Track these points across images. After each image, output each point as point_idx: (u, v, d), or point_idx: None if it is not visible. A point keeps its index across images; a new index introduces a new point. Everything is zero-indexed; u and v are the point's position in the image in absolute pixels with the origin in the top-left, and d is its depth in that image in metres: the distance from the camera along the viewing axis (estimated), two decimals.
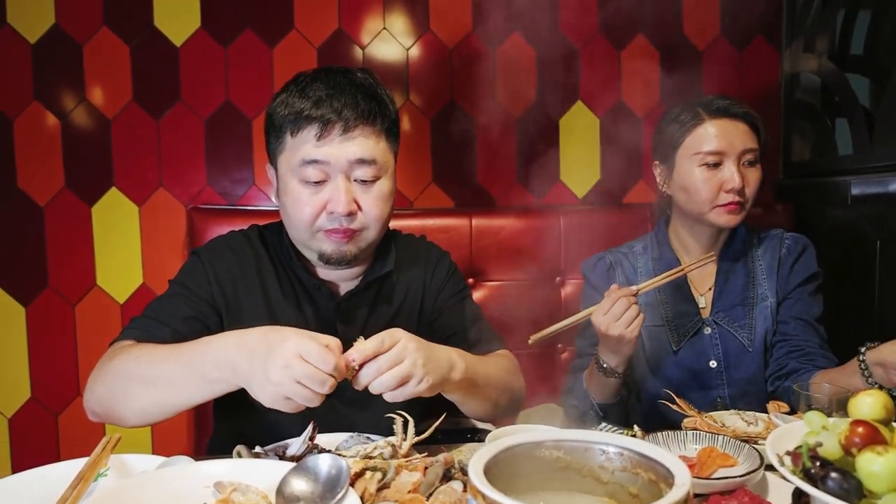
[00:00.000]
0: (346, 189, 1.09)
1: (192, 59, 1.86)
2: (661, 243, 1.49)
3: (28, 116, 1.81)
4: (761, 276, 1.44)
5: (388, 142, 1.15)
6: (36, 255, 1.83)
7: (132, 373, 0.97)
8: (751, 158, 1.36)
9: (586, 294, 1.52)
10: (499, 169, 1.99)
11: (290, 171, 1.11)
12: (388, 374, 0.89)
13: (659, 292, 1.44)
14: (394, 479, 0.80)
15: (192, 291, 1.14)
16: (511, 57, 1.97)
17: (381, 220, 1.14)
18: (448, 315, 1.28)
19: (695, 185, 1.36)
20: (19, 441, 1.85)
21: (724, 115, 1.36)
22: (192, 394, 0.95)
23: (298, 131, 1.09)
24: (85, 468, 0.86)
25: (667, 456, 0.66)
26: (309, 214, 1.10)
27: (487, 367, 1.12)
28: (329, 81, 1.10)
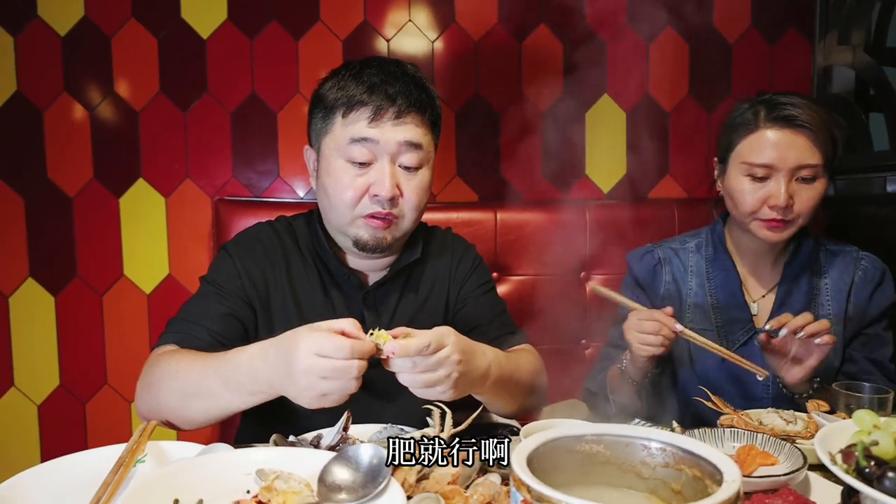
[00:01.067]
0: (391, 172, 1.10)
1: (218, 52, 1.86)
2: (716, 243, 1.39)
3: (58, 108, 1.83)
4: (825, 295, 1.34)
5: (432, 133, 1.17)
6: (65, 246, 1.85)
7: (174, 388, 0.99)
8: (806, 175, 1.22)
9: (627, 284, 1.47)
10: (523, 163, 1.97)
11: (336, 151, 1.12)
12: (420, 377, 0.89)
13: (710, 295, 1.37)
14: (433, 470, 0.79)
15: (223, 289, 1.14)
16: (537, 50, 1.95)
17: (418, 210, 1.16)
18: (472, 307, 1.28)
19: (739, 195, 1.27)
20: (48, 428, 1.88)
21: (783, 124, 1.22)
22: (237, 404, 0.96)
23: (350, 112, 1.10)
24: (125, 454, 0.86)
25: (713, 452, 0.65)
26: (351, 196, 1.11)
27: (517, 368, 1.12)
28: (383, 69, 1.13)
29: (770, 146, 1.23)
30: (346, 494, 0.71)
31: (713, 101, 2.01)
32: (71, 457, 0.87)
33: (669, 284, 1.41)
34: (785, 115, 1.22)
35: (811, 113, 1.21)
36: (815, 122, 1.21)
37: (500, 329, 1.26)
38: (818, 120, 1.21)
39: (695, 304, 1.37)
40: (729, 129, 1.31)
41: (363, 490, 0.71)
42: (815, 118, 1.21)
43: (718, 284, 1.37)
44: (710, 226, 1.44)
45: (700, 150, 2.02)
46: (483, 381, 1.00)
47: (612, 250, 1.83)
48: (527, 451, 0.64)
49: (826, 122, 1.22)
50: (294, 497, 0.72)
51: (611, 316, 1.49)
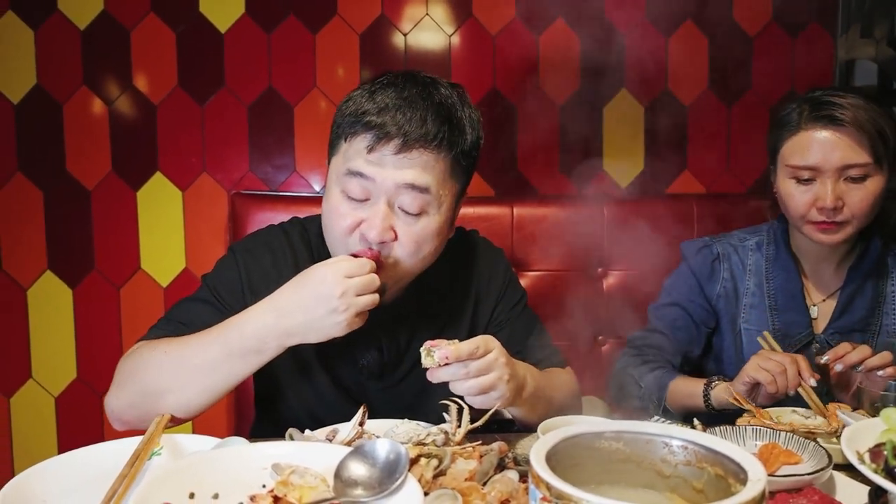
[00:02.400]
0: (384, 215, 0.98)
1: (236, 46, 1.87)
2: (778, 242, 1.34)
3: (77, 101, 1.84)
4: (891, 303, 1.28)
5: (452, 173, 1.02)
6: (83, 239, 1.87)
7: (165, 366, 0.95)
8: (855, 175, 1.17)
9: (681, 274, 1.41)
10: (541, 157, 1.95)
11: (335, 177, 1.03)
12: (475, 381, 0.90)
13: (768, 296, 1.33)
14: (450, 466, 0.79)
15: (223, 300, 1.07)
16: (555, 44, 1.93)
17: (417, 258, 1.02)
18: (508, 332, 1.18)
19: (787, 198, 1.24)
20: (65, 420, 1.90)
21: (824, 123, 1.17)
22: (237, 372, 0.95)
23: (353, 137, 0.99)
24: (140, 447, 0.86)
25: (737, 451, 0.63)
26: (343, 228, 1.01)
27: (549, 385, 1.09)
28: (403, 91, 0.99)
29: (813, 147, 1.18)
30: (362, 490, 0.70)
31: (733, 95, 1.98)
32: (86, 449, 0.87)
33: (727, 282, 1.36)
34: (826, 115, 1.18)
35: (855, 109, 1.16)
36: (859, 118, 1.16)
37: (540, 352, 1.18)
38: (862, 116, 1.16)
39: (751, 304, 1.33)
40: (774, 131, 1.28)
41: (380, 486, 0.70)
42: (859, 115, 1.16)
43: (778, 286, 1.32)
44: (771, 224, 1.39)
45: (719, 146, 1.99)
46: (520, 392, 0.98)
47: (630, 246, 1.81)
48: (546, 448, 0.63)
49: (872, 117, 1.17)
50: (310, 492, 0.71)
51: (629, 310, 1.46)
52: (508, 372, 0.92)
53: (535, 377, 1.03)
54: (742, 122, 1.97)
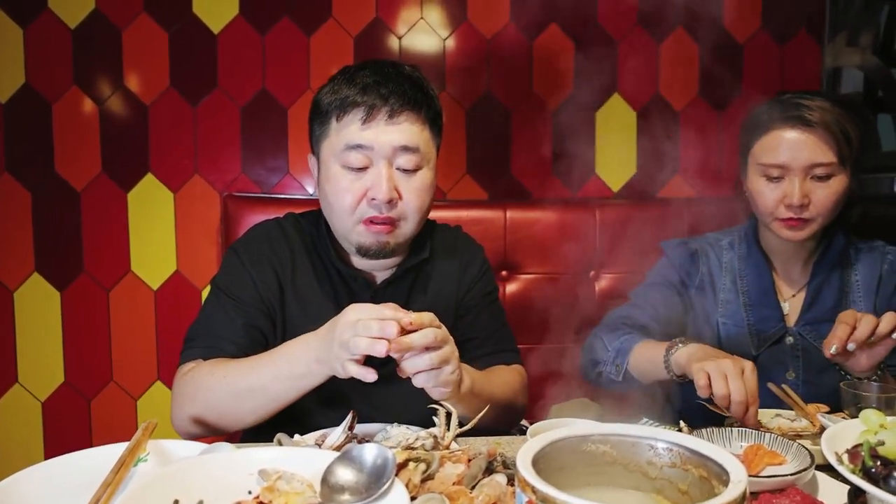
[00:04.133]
0: (388, 176, 1.09)
1: (229, 47, 1.86)
2: (749, 241, 1.39)
3: (67, 101, 1.83)
4: (857, 292, 1.34)
5: (431, 132, 1.15)
6: (72, 240, 1.84)
7: (225, 391, 1.02)
8: (820, 173, 1.22)
9: (662, 267, 1.43)
10: (534, 161, 1.96)
11: (332, 157, 1.12)
12: (436, 354, 0.91)
13: (742, 293, 1.37)
14: (438, 470, 0.78)
15: (240, 299, 1.14)
16: (548, 48, 1.94)
17: (420, 211, 1.14)
18: (473, 317, 1.26)
19: (757, 196, 1.29)
20: (52, 425, 1.87)
21: (793, 123, 1.23)
22: (286, 393, 1.01)
23: (344, 115, 1.10)
24: (125, 453, 0.84)
25: (720, 452, 0.64)
26: (350, 201, 1.10)
27: (492, 387, 1.13)
28: (377, 70, 1.12)
29: (782, 146, 1.24)
30: (349, 495, 0.70)
31: (723, 101, 2.00)
32: (72, 455, 0.85)
33: (705, 276, 1.40)
34: (795, 115, 1.23)
35: (821, 111, 1.22)
36: (826, 119, 1.21)
37: (496, 345, 1.26)
38: (829, 117, 1.21)
39: (727, 300, 1.36)
40: (745, 131, 1.33)
41: (367, 491, 0.70)
42: (825, 116, 1.21)
43: (751, 282, 1.37)
44: (744, 224, 1.43)
45: (710, 150, 2.01)
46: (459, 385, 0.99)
47: (622, 249, 1.81)
48: (532, 452, 0.63)
49: (838, 119, 1.22)
50: (296, 498, 0.70)
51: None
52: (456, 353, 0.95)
53: (470, 373, 1.06)
54: (732, 127, 1.99)
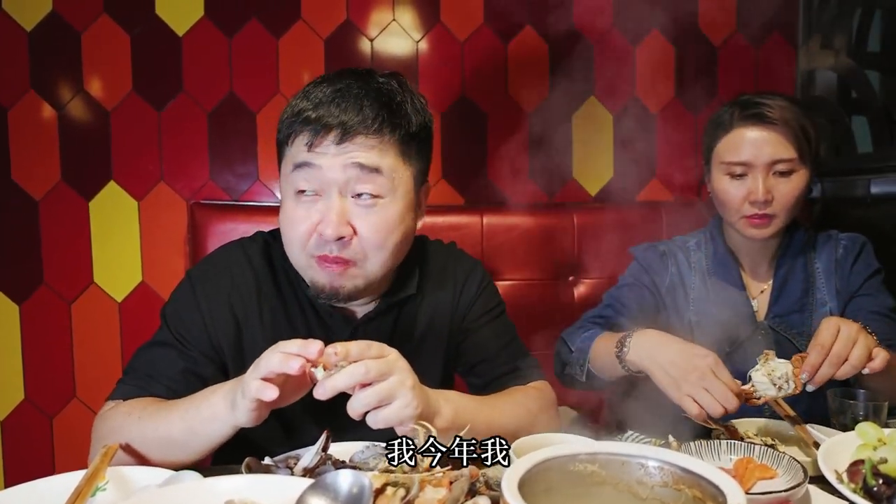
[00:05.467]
0: (338, 208, 0.94)
1: (195, 50, 1.80)
2: (715, 240, 1.41)
3: (24, 107, 1.74)
4: (819, 280, 1.37)
5: (402, 156, 0.98)
6: (30, 252, 1.76)
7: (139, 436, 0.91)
8: (783, 169, 1.26)
9: (632, 272, 1.43)
10: (510, 165, 1.94)
11: (285, 182, 0.99)
12: (372, 391, 0.80)
13: (711, 292, 1.38)
14: (418, 495, 0.74)
15: (185, 342, 1.02)
16: (523, 51, 1.92)
17: (384, 251, 0.98)
18: (475, 338, 1.13)
19: (722, 194, 1.32)
20: (12, 444, 1.78)
21: (754, 122, 1.27)
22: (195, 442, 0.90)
23: (294, 137, 0.97)
24: (82, 483, 0.79)
25: (714, 471, 0.62)
26: (300, 234, 0.96)
27: (492, 414, 0.97)
28: (338, 84, 0.97)
29: (744, 144, 1.27)
30: None
31: (700, 103, 2.01)
32: (31, 484, 0.81)
33: (675, 276, 1.41)
34: (755, 113, 1.27)
35: (781, 109, 1.26)
36: (785, 117, 1.25)
37: (506, 364, 1.12)
38: (788, 115, 1.26)
39: (698, 298, 1.38)
40: (709, 132, 1.36)
41: None
42: (784, 114, 1.25)
43: (719, 281, 1.38)
44: (709, 225, 1.46)
45: (687, 153, 2.01)
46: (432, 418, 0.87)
47: (601, 254, 1.80)
48: (518, 475, 0.61)
49: (796, 116, 1.26)
50: None
51: None
52: (412, 378, 0.83)
53: (454, 403, 0.92)
54: None
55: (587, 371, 1.24)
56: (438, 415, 0.88)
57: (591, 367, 1.23)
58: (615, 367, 1.15)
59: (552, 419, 1.07)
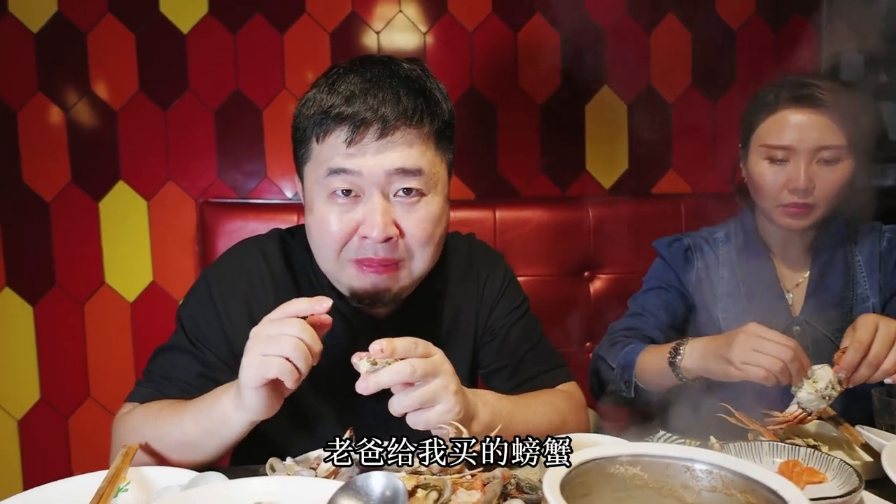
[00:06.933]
0: (382, 209, 0.89)
1: (199, 47, 1.78)
2: (746, 231, 1.33)
3: (32, 108, 1.74)
4: (860, 274, 1.29)
5: (438, 149, 0.94)
6: (43, 253, 1.77)
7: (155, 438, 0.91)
8: (828, 156, 1.17)
9: (656, 269, 1.39)
10: (521, 158, 1.90)
11: (316, 185, 0.93)
12: (416, 394, 0.78)
13: (742, 284, 1.31)
14: (450, 499, 0.71)
15: (201, 346, 1.00)
16: (533, 40, 1.88)
17: (430, 248, 0.94)
18: (501, 340, 1.09)
19: (759, 179, 1.23)
20: (29, 443, 1.80)
21: (802, 104, 1.18)
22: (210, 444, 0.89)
23: (325, 135, 0.90)
24: (104, 484, 0.79)
25: (771, 475, 0.58)
26: (336, 238, 0.91)
27: (527, 416, 0.95)
28: (365, 73, 0.91)
29: (788, 127, 1.18)
30: None
31: (717, 91, 1.94)
32: (50, 486, 0.81)
33: (701, 271, 1.34)
34: (804, 95, 1.18)
35: (832, 91, 1.17)
36: (836, 100, 1.16)
37: (534, 367, 1.08)
38: (841, 100, 1.16)
39: (726, 293, 1.31)
40: (750, 112, 1.27)
41: None
42: (837, 98, 1.16)
43: (750, 274, 1.31)
44: (739, 216, 1.38)
45: (705, 143, 1.95)
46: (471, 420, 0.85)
47: (616, 248, 1.76)
48: (559, 477, 0.58)
49: (849, 101, 1.17)
50: None
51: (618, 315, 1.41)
52: (456, 382, 0.81)
53: (491, 405, 0.90)
54: (727, 118, 1.94)
55: (635, 386, 1.20)
56: (476, 418, 0.86)
57: (638, 382, 1.19)
58: (667, 377, 1.12)
59: (582, 420, 1.05)
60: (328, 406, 1.03)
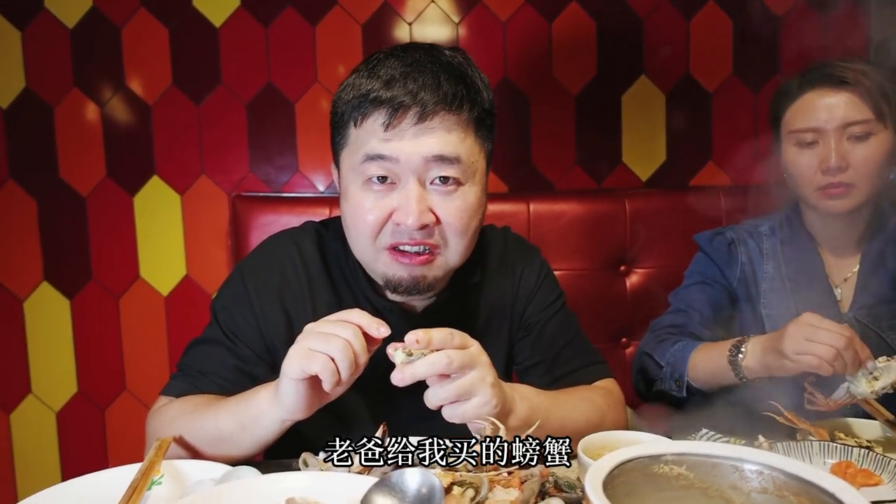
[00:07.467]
0: (418, 195, 0.88)
1: (232, 41, 1.78)
2: (792, 223, 1.30)
3: (68, 104, 1.76)
4: None
5: (477, 137, 0.93)
6: (79, 247, 1.79)
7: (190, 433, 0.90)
8: (858, 132, 1.16)
9: (700, 260, 1.36)
10: (556, 150, 1.86)
11: (351, 171, 0.92)
12: (452, 386, 0.77)
13: (786, 280, 1.28)
14: (487, 496, 0.69)
15: (236, 339, 1.00)
16: (569, 29, 1.83)
17: (465, 237, 0.92)
18: (536, 335, 1.08)
19: (792, 167, 1.22)
20: (67, 435, 1.83)
21: (821, 84, 1.18)
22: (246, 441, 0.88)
23: (363, 119, 0.89)
24: (138, 476, 0.79)
25: (828, 477, 0.55)
26: (371, 225, 0.90)
27: (563, 412, 0.93)
28: (406, 58, 0.90)
29: (814, 109, 1.18)
30: None
31: (760, 80, 1.88)
32: (85, 478, 0.82)
33: (745, 266, 1.31)
34: (825, 75, 1.18)
35: (854, 70, 1.16)
36: (856, 76, 1.15)
37: (570, 363, 1.07)
38: (863, 75, 1.15)
39: (771, 289, 1.28)
40: (775, 103, 1.27)
41: None
42: (855, 73, 1.16)
43: (797, 267, 1.28)
44: (784, 208, 1.35)
45: (746, 134, 1.89)
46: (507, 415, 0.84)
47: (654, 242, 1.72)
48: (601, 475, 0.55)
49: (873, 76, 1.16)
50: None
51: (655, 310, 1.38)
52: (493, 374, 0.80)
53: (529, 399, 0.88)
54: None
55: (686, 384, 1.17)
56: (513, 413, 0.84)
57: (690, 381, 1.17)
58: (725, 376, 1.10)
59: (621, 418, 1.03)
60: (363, 400, 1.02)
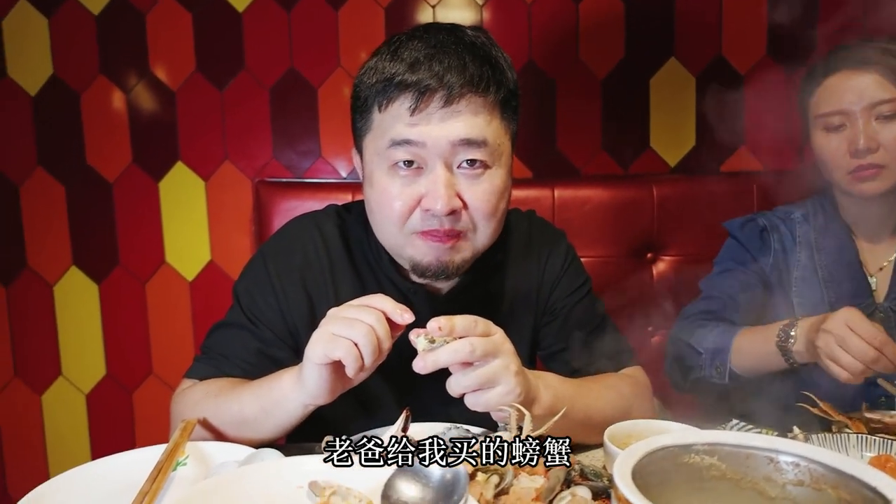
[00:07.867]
0: (446, 180, 0.87)
1: (254, 26, 1.77)
2: (827, 211, 1.28)
3: (94, 91, 1.78)
4: None
5: (503, 119, 0.92)
6: (106, 232, 1.81)
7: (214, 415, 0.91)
8: (886, 111, 1.14)
9: (731, 246, 1.34)
10: (582, 135, 1.83)
11: (376, 156, 0.91)
12: (474, 374, 0.76)
13: (819, 269, 1.25)
14: (512, 483, 0.68)
15: (258, 323, 1.00)
16: (596, 10, 1.79)
17: (493, 220, 0.92)
18: (562, 321, 1.06)
19: (822, 152, 1.21)
20: (96, 416, 1.87)
21: (845, 66, 1.17)
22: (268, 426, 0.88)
23: (388, 104, 0.88)
24: (163, 458, 0.80)
25: (869, 470, 0.53)
26: (399, 212, 0.89)
27: (588, 400, 0.91)
28: (430, 40, 0.88)
29: (839, 91, 1.18)
30: None
31: (795, 61, 1.80)
32: (112, 458, 0.83)
33: (778, 253, 1.28)
34: (849, 56, 1.18)
35: (877, 51, 1.16)
36: (880, 56, 1.15)
37: (596, 350, 1.05)
38: (888, 54, 1.15)
39: (802, 277, 1.25)
40: (802, 89, 1.27)
41: None
42: (878, 54, 1.15)
43: (831, 256, 1.25)
44: (818, 194, 1.32)
45: (780, 117, 1.83)
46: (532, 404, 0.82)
47: (682, 229, 1.68)
48: (630, 464, 0.54)
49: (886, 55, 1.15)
50: None
51: (683, 298, 1.35)
52: (517, 363, 0.79)
53: (554, 387, 0.86)
54: None
55: (729, 371, 1.16)
56: (537, 401, 0.83)
57: (733, 367, 1.16)
58: (772, 361, 1.09)
59: (648, 406, 1.01)
60: (386, 385, 1.02)
